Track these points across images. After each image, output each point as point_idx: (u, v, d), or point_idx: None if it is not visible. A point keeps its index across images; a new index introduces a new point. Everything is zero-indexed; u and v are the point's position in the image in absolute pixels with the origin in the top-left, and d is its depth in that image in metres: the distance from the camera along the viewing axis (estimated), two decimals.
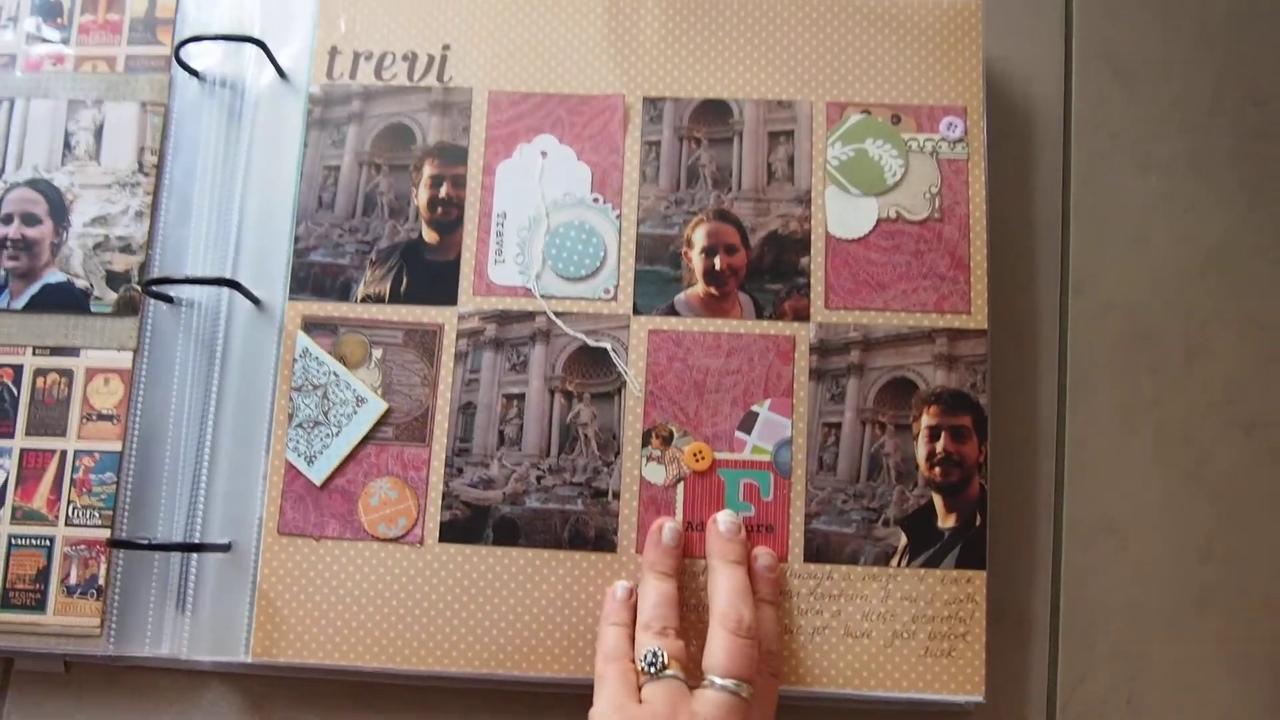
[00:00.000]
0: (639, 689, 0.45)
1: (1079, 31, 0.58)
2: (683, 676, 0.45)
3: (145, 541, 0.51)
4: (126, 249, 0.55)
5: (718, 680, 0.45)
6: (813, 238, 0.53)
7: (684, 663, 0.46)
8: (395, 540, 0.51)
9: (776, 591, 0.50)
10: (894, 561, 0.50)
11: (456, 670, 0.50)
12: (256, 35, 0.56)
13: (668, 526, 0.50)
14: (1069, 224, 0.57)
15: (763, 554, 0.50)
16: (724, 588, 0.48)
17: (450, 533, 0.51)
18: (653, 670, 0.45)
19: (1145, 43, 0.58)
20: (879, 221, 0.53)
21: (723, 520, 0.50)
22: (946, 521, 0.51)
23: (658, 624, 0.47)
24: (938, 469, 0.51)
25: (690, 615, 0.50)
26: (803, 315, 0.53)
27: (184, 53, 0.55)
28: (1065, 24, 0.58)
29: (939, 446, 0.51)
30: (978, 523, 0.51)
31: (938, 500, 0.51)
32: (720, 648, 0.45)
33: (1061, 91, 0.58)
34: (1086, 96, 0.58)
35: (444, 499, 0.51)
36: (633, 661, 0.47)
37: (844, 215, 0.53)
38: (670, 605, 0.48)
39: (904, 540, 0.50)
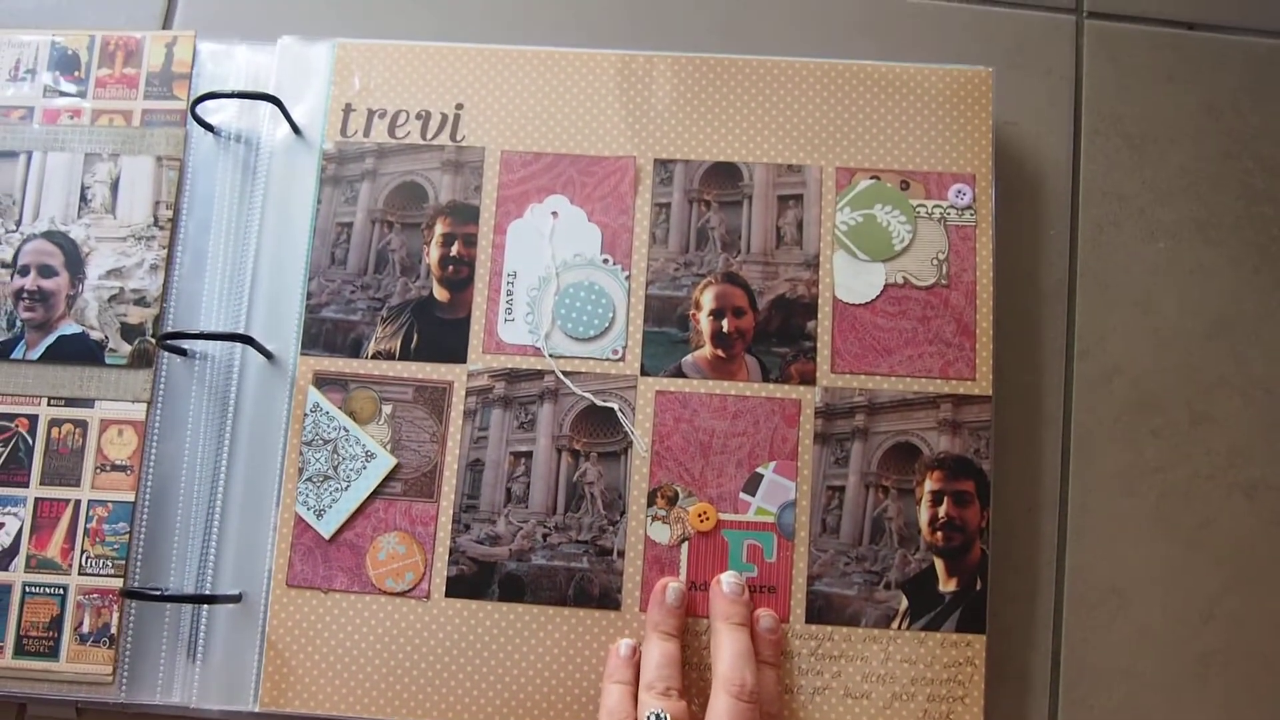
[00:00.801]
0: None
1: (1088, 98, 0.59)
2: None
3: (157, 592, 0.52)
4: (141, 301, 0.55)
5: None
6: (820, 302, 0.54)
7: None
8: (402, 594, 0.52)
9: (778, 653, 0.50)
10: (895, 624, 0.51)
11: None
12: (272, 91, 0.57)
13: (671, 587, 0.51)
14: (1075, 288, 0.57)
15: (765, 616, 0.51)
16: (727, 650, 0.48)
17: (457, 588, 0.52)
18: None
19: (1154, 109, 0.59)
20: (886, 287, 0.54)
21: (726, 581, 0.51)
22: (948, 585, 0.51)
23: (660, 684, 0.48)
24: (940, 533, 0.52)
25: (692, 674, 0.50)
26: (809, 379, 0.53)
27: (200, 109, 0.56)
28: (1075, 90, 0.59)
29: (941, 511, 0.52)
30: (978, 587, 0.51)
31: (939, 564, 0.51)
32: (722, 711, 0.46)
33: (1070, 156, 0.58)
34: (1095, 162, 0.58)
35: (451, 554, 0.52)
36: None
37: (851, 280, 0.54)
38: (673, 665, 0.48)
39: (905, 603, 0.51)
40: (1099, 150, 0.58)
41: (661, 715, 0.46)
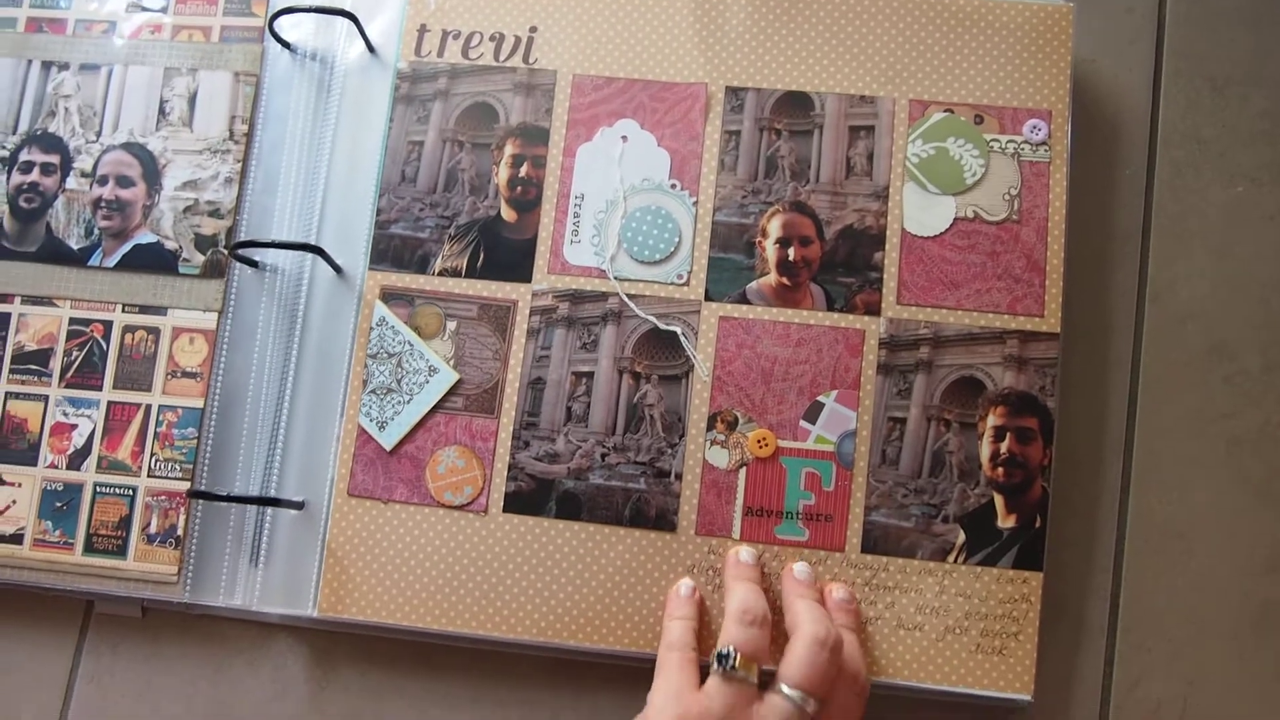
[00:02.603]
0: (700, 680, 0.45)
1: (1170, 38, 0.57)
2: (753, 680, 0.44)
3: (221, 494, 0.53)
4: (215, 214, 0.56)
5: (786, 689, 0.44)
6: (888, 233, 0.53)
7: (759, 664, 0.45)
8: (460, 508, 0.52)
9: (858, 622, 0.50)
10: (951, 558, 0.51)
11: (514, 637, 0.51)
12: (348, 8, 0.57)
13: (745, 550, 0.50)
14: (1149, 231, 0.56)
15: (838, 588, 0.50)
16: (806, 611, 0.47)
17: (514, 504, 0.52)
18: (723, 666, 0.45)
19: (1237, 51, 0.57)
20: (956, 220, 0.53)
21: (799, 568, 0.50)
22: (1006, 522, 0.51)
23: (749, 614, 0.46)
24: (1001, 469, 0.51)
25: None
26: (874, 310, 0.53)
27: (277, 25, 0.57)
28: (1157, 29, 0.58)
29: (1003, 447, 0.51)
30: (1037, 525, 0.51)
31: (999, 500, 0.51)
32: (798, 657, 0.45)
33: (1149, 97, 0.57)
34: (1175, 103, 0.57)
35: (510, 470, 0.53)
36: (694, 651, 0.47)
37: (921, 213, 0.53)
38: (761, 598, 0.47)
39: (962, 538, 0.51)
40: (1179, 91, 0.57)
41: (732, 653, 0.45)
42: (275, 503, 0.53)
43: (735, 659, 0.44)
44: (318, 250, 0.54)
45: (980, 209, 0.53)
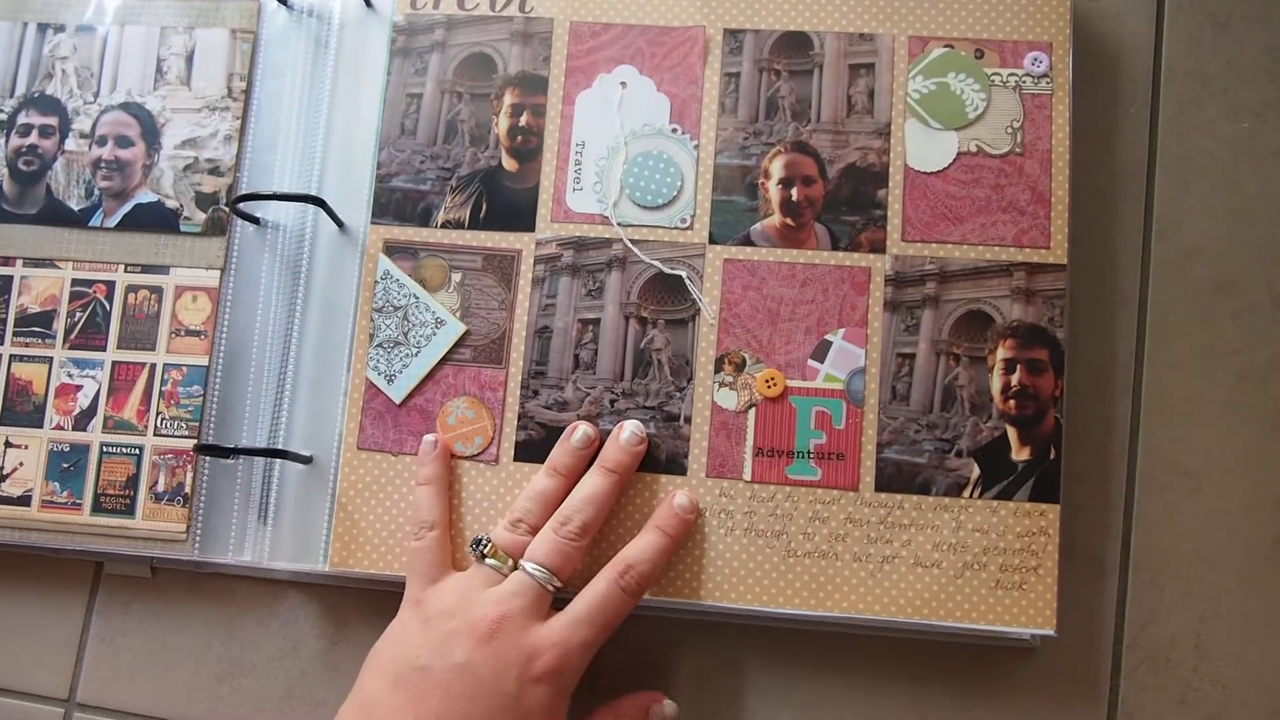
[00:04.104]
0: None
1: None
2: (503, 568, 0.47)
3: (225, 447, 0.53)
4: (215, 171, 0.56)
5: (527, 565, 0.47)
6: (891, 170, 0.53)
7: (513, 555, 0.48)
8: (471, 458, 0.52)
9: (678, 528, 0.49)
10: (966, 493, 0.50)
11: None
12: None
13: (581, 428, 0.51)
14: (1154, 167, 0.56)
15: (681, 495, 0.50)
16: (576, 492, 0.49)
17: (525, 452, 0.52)
18: (475, 550, 0.48)
19: None
20: (959, 155, 0.53)
21: (627, 427, 0.51)
22: (1020, 454, 0.50)
23: (515, 514, 0.49)
24: (1012, 402, 0.51)
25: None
26: (879, 247, 0.53)
27: None
28: None
29: (1014, 379, 0.51)
30: (1051, 456, 0.50)
31: (1011, 433, 0.51)
32: (540, 539, 0.48)
33: (1152, 32, 0.57)
34: (1178, 38, 0.57)
35: (519, 419, 0.52)
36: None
37: (923, 148, 0.53)
38: (538, 502, 0.49)
39: (977, 472, 0.50)
40: (1182, 28, 0.57)
41: (484, 540, 0.48)
42: (284, 455, 0.52)
43: (487, 546, 0.47)
44: (318, 201, 0.54)
45: (983, 143, 0.53)
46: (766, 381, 0.52)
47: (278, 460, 0.53)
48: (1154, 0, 0.57)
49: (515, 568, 0.47)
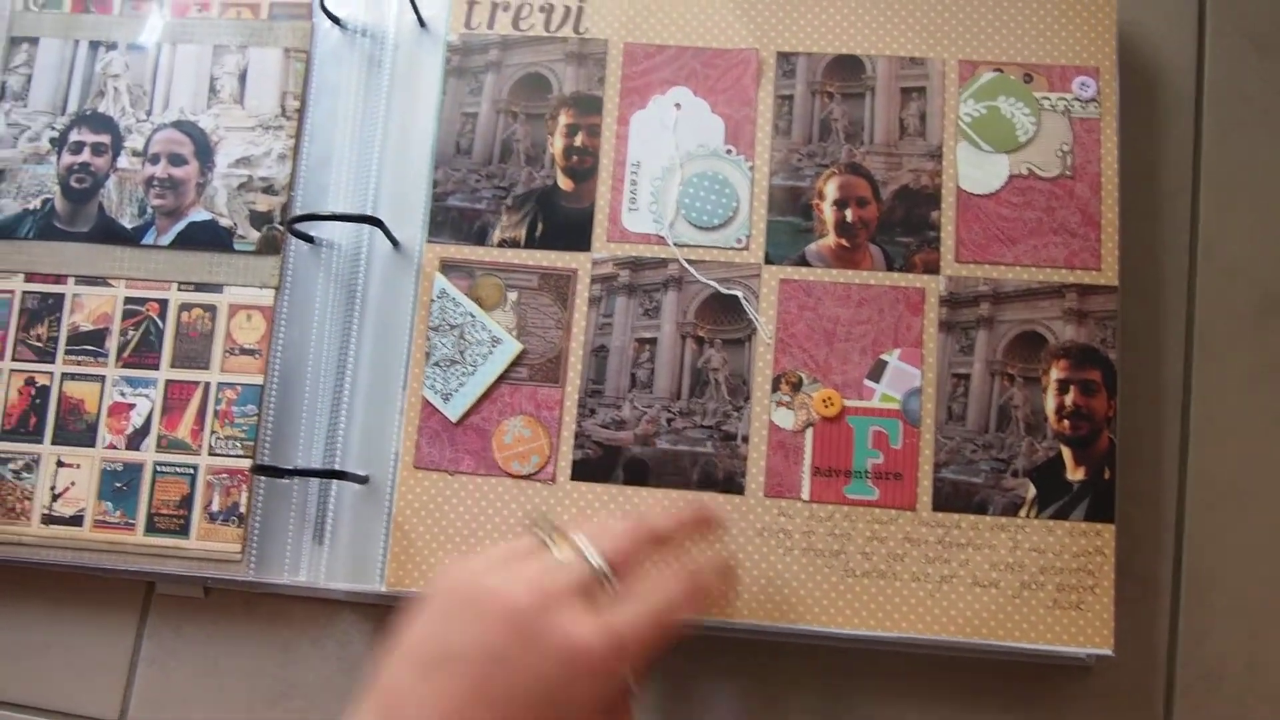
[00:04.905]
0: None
1: None
2: (548, 537, 0.42)
3: (284, 468, 0.53)
4: (269, 190, 0.56)
5: (579, 538, 0.41)
6: (944, 192, 0.54)
7: (569, 543, 0.41)
8: (528, 477, 0.52)
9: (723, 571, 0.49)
10: (1022, 512, 0.51)
11: None
12: None
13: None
14: (1199, 188, 0.56)
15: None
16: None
17: (582, 471, 0.52)
18: (535, 528, 0.42)
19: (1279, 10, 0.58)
20: (1010, 178, 0.54)
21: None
22: (1075, 474, 0.51)
23: (595, 529, 0.42)
24: (1066, 422, 0.51)
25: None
26: (933, 268, 0.53)
27: (330, 1, 0.57)
28: None
29: (1068, 400, 0.51)
30: (1106, 476, 0.51)
31: (1066, 453, 0.51)
32: (613, 529, 0.42)
33: (1194, 56, 0.58)
34: (1219, 62, 0.57)
35: (576, 438, 0.52)
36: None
37: (975, 171, 0.54)
38: (622, 538, 0.42)
39: (1033, 491, 0.51)
40: (1224, 51, 0.58)
41: (552, 532, 0.41)
42: (341, 475, 0.52)
43: (550, 532, 0.42)
44: (375, 221, 0.54)
45: (1034, 166, 0.54)
46: (824, 401, 0.52)
47: (334, 480, 0.53)
48: (1195, 23, 0.58)
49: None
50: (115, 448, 0.54)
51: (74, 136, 0.57)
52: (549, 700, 0.37)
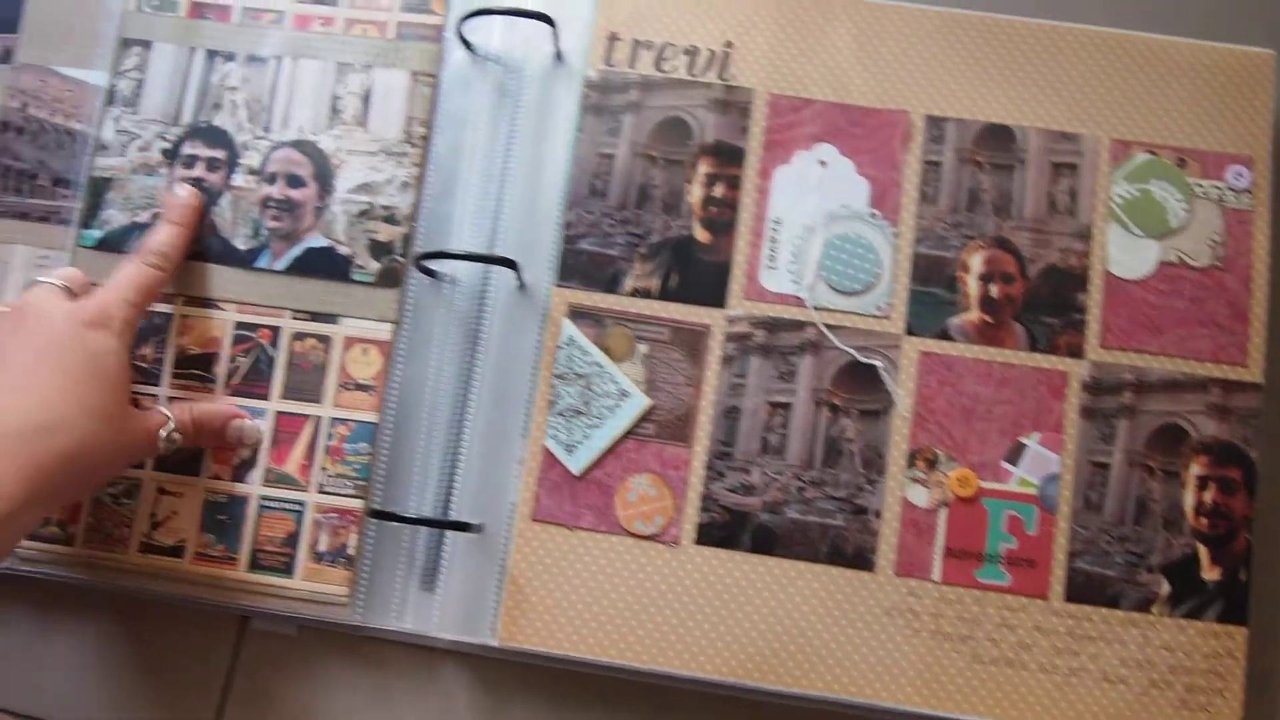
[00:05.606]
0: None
1: None
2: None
3: (407, 516, 0.51)
4: (390, 219, 0.54)
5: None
6: (1091, 274, 0.53)
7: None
8: (650, 538, 0.51)
9: (185, 214, 0.53)
10: (1155, 609, 0.50)
11: (701, 674, 0.50)
12: (534, 11, 0.55)
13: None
14: None
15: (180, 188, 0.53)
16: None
17: (707, 535, 0.51)
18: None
19: None
20: (1160, 265, 0.53)
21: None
22: (1210, 573, 0.50)
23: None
24: (1205, 520, 0.50)
25: None
26: (1077, 351, 0.52)
27: (465, 26, 0.55)
28: None
29: (1207, 497, 0.51)
30: (1242, 577, 0.50)
31: (1203, 551, 0.50)
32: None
33: None
34: None
35: (703, 501, 0.51)
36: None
37: (1125, 255, 0.53)
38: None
39: (1167, 588, 0.50)
40: None
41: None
42: (461, 526, 0.51)
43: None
44: (509, 263, 0.52)
45: (1184, 254, 0.53)
46: (960, 481, 0.51)
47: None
48: None
49: None
50: (220, 478, 0.52)
51: (187, 149, 0.55)
52: (70, 345, 0.45)
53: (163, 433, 0.48)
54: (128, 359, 0.47)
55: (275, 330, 0.53)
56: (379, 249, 0.54)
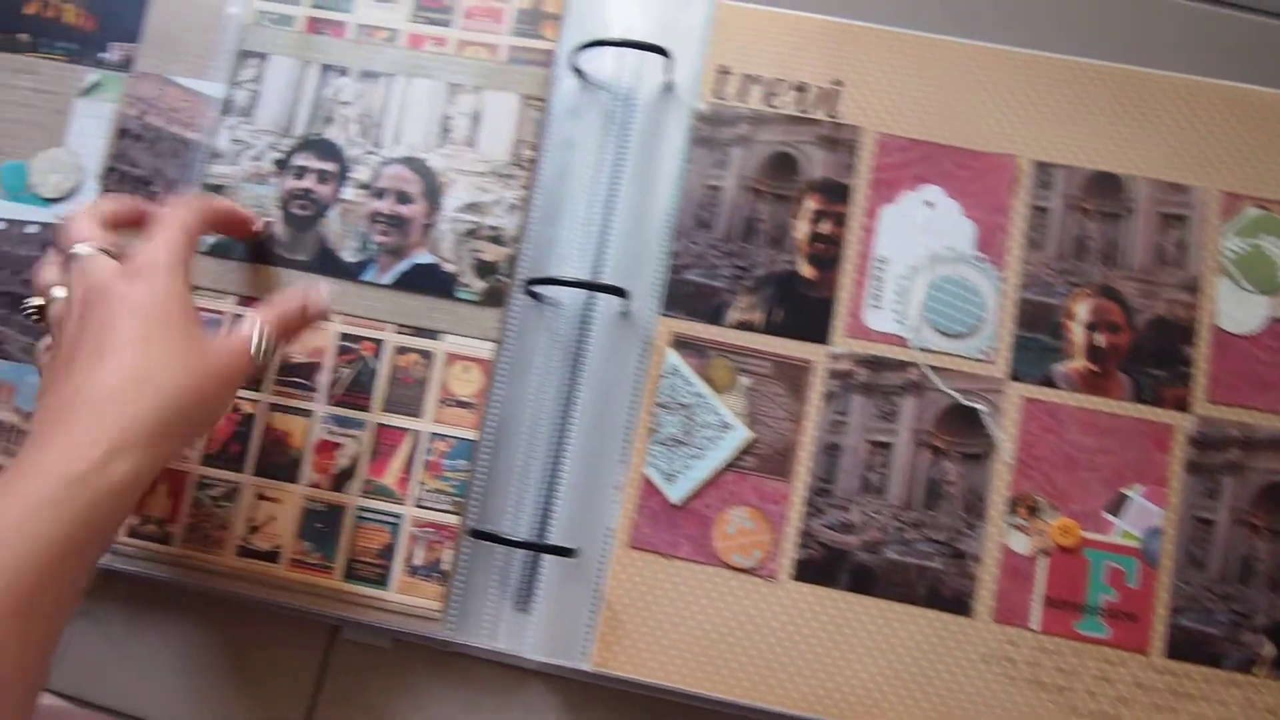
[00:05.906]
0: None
1: None
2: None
3: (507, 537, 0.51)
4: (497, 240, 0.55)
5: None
6: (1199, 327, 0.52)
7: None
8: (747, 571, 0.51)
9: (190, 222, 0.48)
10: (1258, 670, 0.49)
11: (795, 711, 0.49)
12: (649, 43, 0.55)
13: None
14: None
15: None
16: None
17: (805, 572, 0.50)
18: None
19: None
20: (1270, 320, 0.52)
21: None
22: None
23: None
24: None
25: None
26: (1183, 405, 0.52)
27: (579, 54, 0.55)
28: None
29: None
30: None
31: None
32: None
33: None
34: None
35: (801, 537, 0.51)
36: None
37: (1234, 309, 0.52)
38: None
39: (1271, 650, 0.49)
40: None
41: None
42: (563, 552, 0.51)
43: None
44: (620, 292, 0.52)
45: None
46: (1061, 530, 0.50)
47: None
48: None
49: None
50: (319, 486, 0.52)
51: (299, 161, 0.56)
52: (150, 324, 0.44)
53: (253, 344, 0.46)
54: (187, 294, 0.46)
55: (379, 343, 0.54)
56: (484, 268, 0.54)
